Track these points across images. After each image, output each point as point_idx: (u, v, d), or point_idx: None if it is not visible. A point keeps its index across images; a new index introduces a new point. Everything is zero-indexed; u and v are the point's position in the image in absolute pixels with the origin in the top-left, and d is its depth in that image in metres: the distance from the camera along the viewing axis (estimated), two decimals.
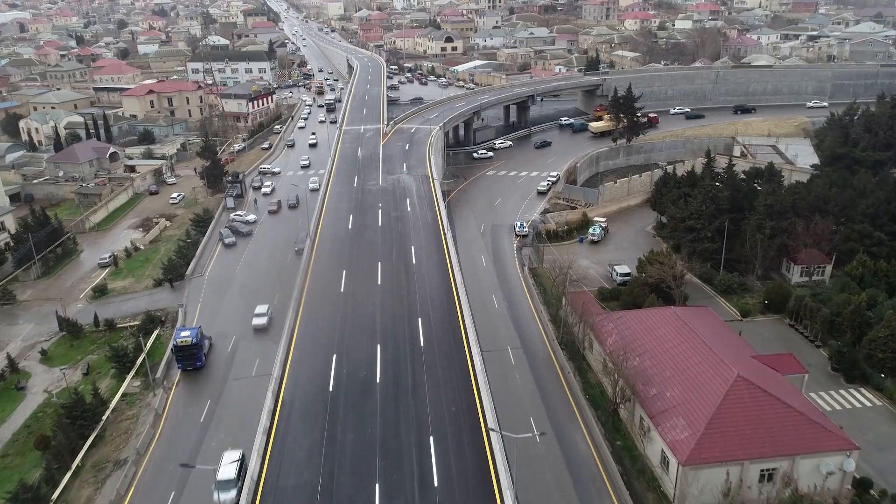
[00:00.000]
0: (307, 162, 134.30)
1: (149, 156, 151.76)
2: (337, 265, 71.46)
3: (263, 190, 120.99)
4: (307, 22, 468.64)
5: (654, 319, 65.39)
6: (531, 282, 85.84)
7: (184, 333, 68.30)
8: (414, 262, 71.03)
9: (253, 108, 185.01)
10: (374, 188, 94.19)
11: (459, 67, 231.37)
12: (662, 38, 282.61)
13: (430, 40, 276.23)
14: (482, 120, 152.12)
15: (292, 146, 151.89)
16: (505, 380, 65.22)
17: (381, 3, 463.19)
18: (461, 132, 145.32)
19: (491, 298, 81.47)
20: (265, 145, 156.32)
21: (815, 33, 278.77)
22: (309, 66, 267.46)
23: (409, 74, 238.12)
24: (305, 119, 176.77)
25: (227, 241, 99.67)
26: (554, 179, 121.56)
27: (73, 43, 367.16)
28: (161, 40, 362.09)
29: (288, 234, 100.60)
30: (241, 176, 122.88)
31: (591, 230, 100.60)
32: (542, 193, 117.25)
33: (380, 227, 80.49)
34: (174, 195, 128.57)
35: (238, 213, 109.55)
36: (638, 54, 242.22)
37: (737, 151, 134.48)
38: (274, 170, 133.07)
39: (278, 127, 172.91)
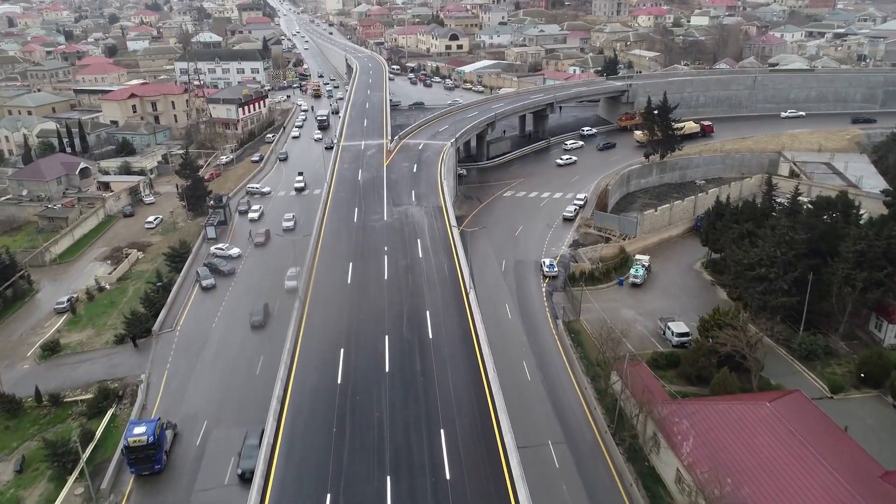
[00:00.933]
0: (302, 184, 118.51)
1: (126, 170, 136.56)
2: (333, 340, 56.51)
3: (250, 216, 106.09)
4: (307, 18, 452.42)
5: (743, 419, 50.58)
6: (568, 342, 71.09)
7: (138, 430, 53.53)
8: (430, 335, 56.15)
9: (243, 113, 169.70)
10: (377, 224, 79.19)
11: (466, 68, 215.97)
12: (679, 36, 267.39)
13: (433, 38, 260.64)
14: (502, 131, 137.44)
15: (285, 160, 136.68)
16: (549, 491, 50.62)
17: None
18: (472, 144, 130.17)
19: (521, 366, 66.80)
20: (255, 157, 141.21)
21: (841, 31, 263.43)
22: (305, 66, 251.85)
23: (412, 75, 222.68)
24: (300, 127, 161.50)
25: (204, 283, 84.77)
26: (581, 203, 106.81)
27: (61, 39, 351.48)
28: (152, 36, 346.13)
29: (278, 272, 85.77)
30: (224, 200, 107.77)
31: (632, 271, 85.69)
32: (568, 220, 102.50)
33: (386, 281, 65.55)
34: (150, 219, 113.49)
35: (219, 246, 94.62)
36: (657, 54, 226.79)
37: (784, 169, 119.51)
38: (263, 189, 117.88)
39: (270, 136, 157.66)
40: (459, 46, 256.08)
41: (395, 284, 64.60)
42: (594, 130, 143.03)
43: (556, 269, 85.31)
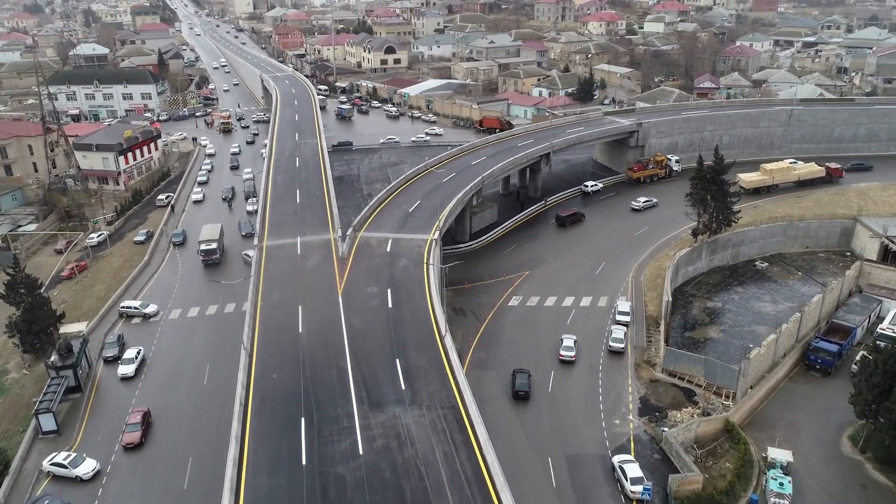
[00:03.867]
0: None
1: None
2: None
3: (121, 371, 66.01)
4: (213, 22, 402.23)
5: None
6: None
7: None
8: None
9: (126, 163, 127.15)
10: (346, 474, 41.67)
11: (411, 90, 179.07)
12: (640, 46, 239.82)
13: (366, 50, 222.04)
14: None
15: (181, 243, 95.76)
16: None
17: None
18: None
19: None
20: (140, 237, 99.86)
21: (811, 39, 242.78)
22: (212, 86, 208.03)
23: (343, 98, 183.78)
24: (204, 184, 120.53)
25: None
26: (626, 319, 73.06)
27: None
28: (25, 46, 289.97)
29: None
30: (79, 346, 66.60)
31: (774, 485, 51.75)
32: (617, 353, 68.48)
33: None
34: None
35: (58, 460, 54.38)
36: (629, 69, 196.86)
37: (868, 244, 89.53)
38: (146, 310, 77.20)
39: (164, 197, 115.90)
40: (397, 61, 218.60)
41: None
42: (599, 185, 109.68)
43: (642, 488, 50.41)
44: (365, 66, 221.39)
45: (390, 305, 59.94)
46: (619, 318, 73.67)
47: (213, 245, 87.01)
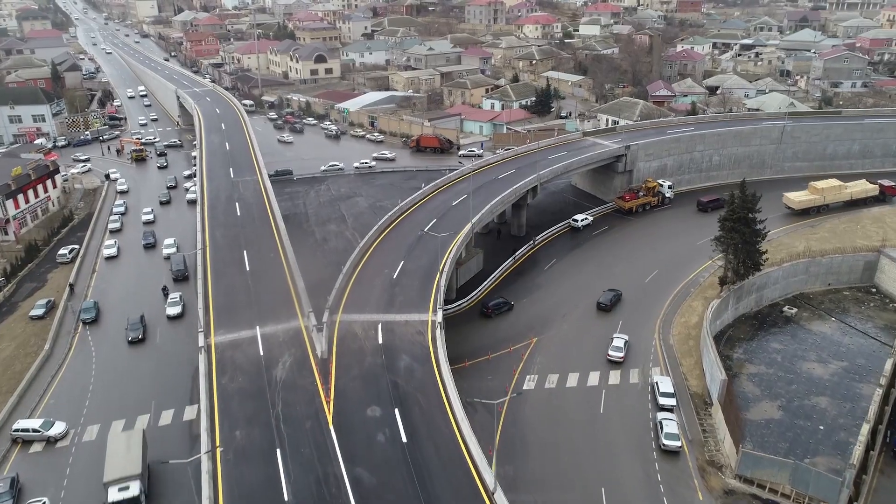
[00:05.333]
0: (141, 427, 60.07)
1: None
2: None
3: None
4: (108, 24, 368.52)
5: None
6: None
7: None
8: None
9: (17, 207, 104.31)
10: None
11: (350, 104, 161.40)
12: (581, 50, 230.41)
13: (292, 59, 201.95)
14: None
15: (92, 320, 75.18)
16: None
17: (206, 1, 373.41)
18: None
19: None
20: (38, 309, 78.73)
21: (749, 41, 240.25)
22: (117, 103, 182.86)
23: (273, 114, 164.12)
24: (117, 231, 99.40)
25: None
26: (672, 402, 59.92)
27: None
28: None
29: None
30: None
31: None
32: (672, 453, 54.98)
33: None
34: None
35: None
36: (582, 77, 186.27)
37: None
38: (50, 432, 57.30)
39: (66, 252, 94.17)
40: (329, 70, 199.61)
41: None
42: (589, 218, 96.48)
43: None
44: (293, 77, 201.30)
45: (405, 439, 43.72)
46: (661, 400, 60.30)
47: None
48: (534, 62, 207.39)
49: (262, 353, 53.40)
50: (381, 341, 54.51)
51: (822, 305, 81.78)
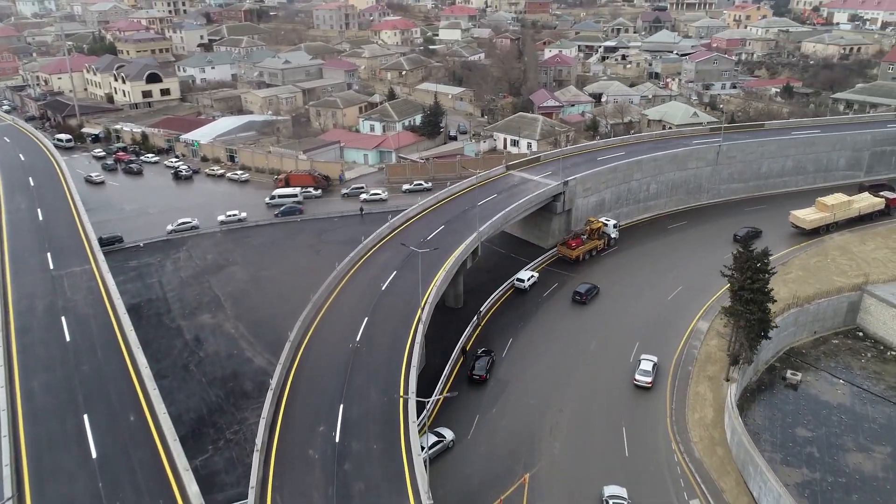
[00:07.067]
0: None
1: None
2: None
3: None
4: None
5: None
6: None
7: None
8: None
9: None
10: None
11: (199, 134, 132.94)
12: (448, 57, 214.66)
13: (117, 78, 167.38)
14: None
15: None
16: None
17: None
18: None
19: None
20: None
21: (611, 44, 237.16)
22: None
23: (101, 152, 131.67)
24: None
25: None
26: None
27: None
28: None
29: None
30: None
31: None
32: None
33: None
34: None
35: None
36: (462, 90, 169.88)
37: (886, 320, 70.76)
38: None
39: None
40: (165, 91, 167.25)
41: None
42: (535, 275, 79.01)
43: None
44: (120, 101, 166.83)
45: None
46: None
47: None
48: (403, 73, 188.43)
49: None
50: None
51: (819, 363, 70.43)
